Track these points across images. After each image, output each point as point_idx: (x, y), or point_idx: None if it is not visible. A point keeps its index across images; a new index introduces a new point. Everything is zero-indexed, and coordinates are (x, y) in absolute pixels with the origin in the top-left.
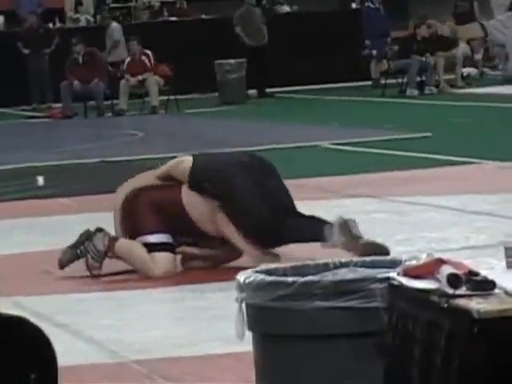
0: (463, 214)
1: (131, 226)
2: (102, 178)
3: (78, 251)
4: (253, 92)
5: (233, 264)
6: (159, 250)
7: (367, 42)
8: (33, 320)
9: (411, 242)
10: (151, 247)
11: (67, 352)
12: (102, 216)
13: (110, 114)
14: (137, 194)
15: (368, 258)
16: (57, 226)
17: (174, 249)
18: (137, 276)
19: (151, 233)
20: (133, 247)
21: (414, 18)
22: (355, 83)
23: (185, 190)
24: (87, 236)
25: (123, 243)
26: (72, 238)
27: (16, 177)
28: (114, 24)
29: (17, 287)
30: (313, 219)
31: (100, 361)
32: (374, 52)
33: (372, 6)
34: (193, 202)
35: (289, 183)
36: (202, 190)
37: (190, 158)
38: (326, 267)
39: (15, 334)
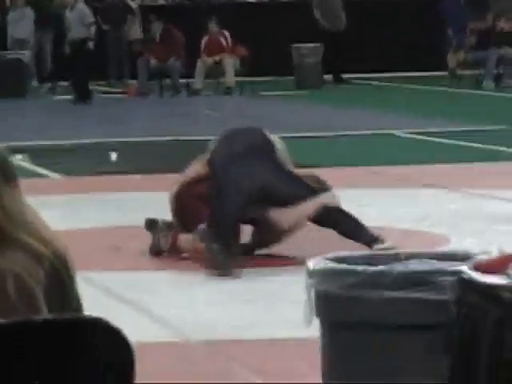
0: None
1: (187, 219)
2: (175, 156)
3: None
4: (329, 77)
5: (303, 251)
6: None
7: (449, 32)
8: (100, 295)
9: (482, 235)
10: None
11: (134, 329)
12: None
13: (185, 93)
14: (184, 189)
15: (440, 251)
16: (128, 203)
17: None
18: None
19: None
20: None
21: (493, 10)
22: (432, 73)
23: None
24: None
25: (186, 239)
26: (143, 215)
27: (89, 152)
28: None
29: (88, 263)
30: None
31: (166, 339)
32: (455, 42)
33: None
34: None
35: (362, 170)
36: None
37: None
38: (396, 257)
39: (92, 337)
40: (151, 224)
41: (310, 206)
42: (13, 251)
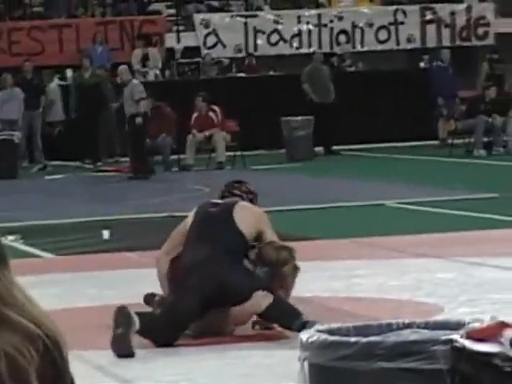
0: None
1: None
2: (169, 232)
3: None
4: (319, 149)
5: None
6: None
7: (439, 101)
8: (96, 373)
9: (475, 303)
10: None
11: None
12: None
13: (176, 169)
14: (171, 265)
15: (432, 320)
16: (122, 280)
17: None
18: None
19: None
20: None
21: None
22: (422, 142)
23: None
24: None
25: None
26: (138, 292)
27: (82, 230)
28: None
29: (80, 340)
30: None
31: None
32: (445, 111)
33: (441, 64)
34: None
35: (354, 241)
36: None
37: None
38: (389, 328)
39: None
40: (149, 298)
41: (259, 303)
42: (4, 331)
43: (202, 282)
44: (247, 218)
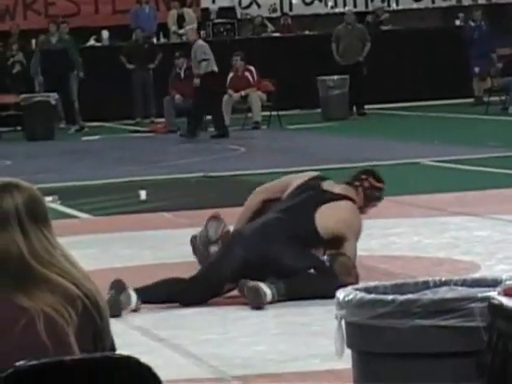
0: None
1: None
2: (204, 192)
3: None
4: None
5: None
6: None
7: (473, 59)
8: (133, 333)
9: None
10: None
11: (166, 366)
12: None
13: (212, 129)
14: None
15: (469, 277)
16: (159, 240)
17: None
18: None
19: None
20: None
21: None
22: (458, 100)
23: None
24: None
25: None
26: (174, 252)
27: (119, 191)
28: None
29: None
30: None
31: (199, 375)
32: (477, 69)
33: (476, 22)
34: None
35: (390, 200)
36: None
37: None
38: (425, 285)
39: (124, 376)
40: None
41: None
42: (43, 291)
43: (246, 255)
44: (329, 218)
